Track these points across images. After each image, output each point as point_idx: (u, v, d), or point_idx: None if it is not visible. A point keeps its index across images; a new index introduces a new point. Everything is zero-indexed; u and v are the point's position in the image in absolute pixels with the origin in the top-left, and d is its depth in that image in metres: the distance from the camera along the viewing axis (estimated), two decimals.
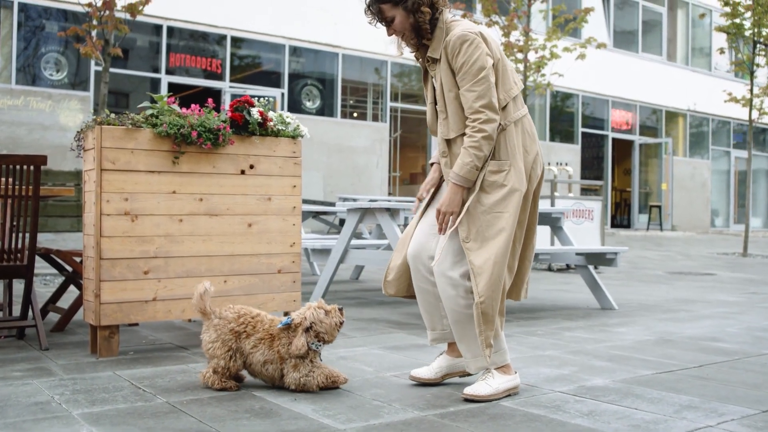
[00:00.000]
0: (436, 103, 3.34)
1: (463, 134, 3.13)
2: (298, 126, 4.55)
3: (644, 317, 5.80)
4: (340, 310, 3.29)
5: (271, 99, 4.47)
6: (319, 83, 16.63)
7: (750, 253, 16.22)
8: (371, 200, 10.60)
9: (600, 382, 3.46)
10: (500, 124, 3.14)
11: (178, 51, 14.83)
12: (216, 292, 4.19)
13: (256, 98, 4.46)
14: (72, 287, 5.17)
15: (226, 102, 14.59)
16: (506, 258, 3.11)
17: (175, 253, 4.07)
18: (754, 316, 5.95)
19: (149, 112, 4.10)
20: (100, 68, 11.31)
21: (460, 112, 3.14)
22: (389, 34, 3.29)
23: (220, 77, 15.16)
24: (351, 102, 17.40)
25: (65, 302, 5.40)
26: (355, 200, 11.57)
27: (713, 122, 25.03)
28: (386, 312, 5.85)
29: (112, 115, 3.99)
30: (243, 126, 4.30)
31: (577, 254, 6.40)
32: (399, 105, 17.89)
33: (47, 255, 4.80)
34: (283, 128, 4.48)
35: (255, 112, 4.32)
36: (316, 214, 9.25)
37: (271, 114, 4.47)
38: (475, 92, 3.07)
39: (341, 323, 3.28)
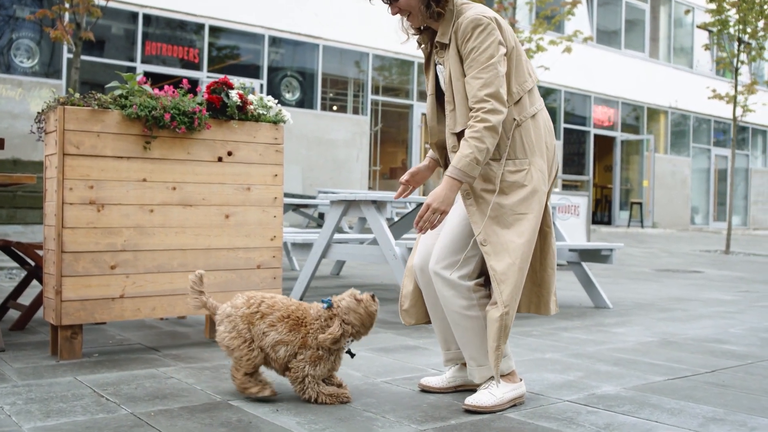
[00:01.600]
0: (437, 95, 3.01)
1: None
2: (280, 111, 4.22)
3: (641, 317, 5.54)
4: (373, 297, 2.91)
5: (250, 82, 4.11)
6: (298, 75, 16.26)
7: (732, 251, 16.11)
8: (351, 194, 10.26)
9: (611, 390, 3.17)
10: (515, 119, 2.83)
11: (154, 40, 14.39)
12: (188, 288, 3.84)
13: (235, 80, 4.12)
14: (35, 282, 4.81)
15: None
16: (528, 263, 2.81)
17: (145, 246, 3.73)
18: (754, 316, 5.71)
19: (118, 92, 3.75)
20: (72, 55, 10.87)
21: (468, 102, 2.82)
22: (393, 13, 2.94)
23: (197, 67, 14.75)
24: (331, 94, 17.05)
25: (27, 298, 5.04)
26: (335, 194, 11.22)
27: (694, 120, 24.95)
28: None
29: (77, 95, 3.63)
30: (221, 109, 3.96)
31: (571, 250, 6.13)
32: (380, 98, 17.56)
33: (7, 247, 4.44)
34: (264, 113, 4.15)
35: (234, 94, 3.98)
36: (295, 207, 8.91)
37: (251, 97, 4.13)
38: (481, 80, 2.74)
39: (374, 312, 2.91)
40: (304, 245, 6.30)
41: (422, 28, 2.99)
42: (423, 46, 3.04)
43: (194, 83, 14.58)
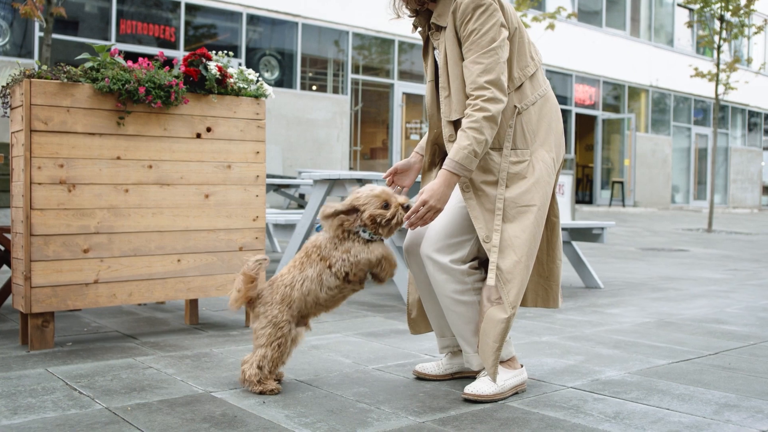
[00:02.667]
0: (436, 81, 2.81)
1: None
2: (261, 84, 4.00)
3: (634, 297, 5.40)
4: (405, 209, 2.64)
5: (230, 54, 3.90)
6: (277, 54, 15.96)
7: (714, 229, 16.10)
8: None
9: (615, 375, 3.01)
10: (516, 107, 2.64)
11: (129, 18, 14.02)
12: (166, 272, 3.65)
13: (214, 52, 3.89)
14: (6, 267, 4.58)
15: None
16: (533, 259, 2.64)
17: (120, 228, 3.51)
18: (747, 295, 5.59)
19: (89, 64, 3.51)
20: (43, 33, 10.53)
21: (465, 89, 2.62)
22: None
23: (173, 46, 14.40)
24: (311, 74, 16.76)
25: None
26: None
27: (675, 98, 24.91)
28: (357, 293, 5.33)
29: (45, 67, 3.40)
30: (199, 83, 3.74)
31: (561, 229, 5.96)
32: (360, 77, 17.30)
33: None
34: (245, 86, 3.93)
35: (213, 66, 3.76)
36: (277, 188, 8.69)
37: (231, 70, 3.91)
38: (481, 65, 2.54)
39: (399, 223, 2.65)
40: (287, 226, 6.10)
41: (418, 9, 2.77)
42: (420, 29, 2.83)
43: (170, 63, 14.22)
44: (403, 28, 17.51)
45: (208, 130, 3.77)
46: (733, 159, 27.52)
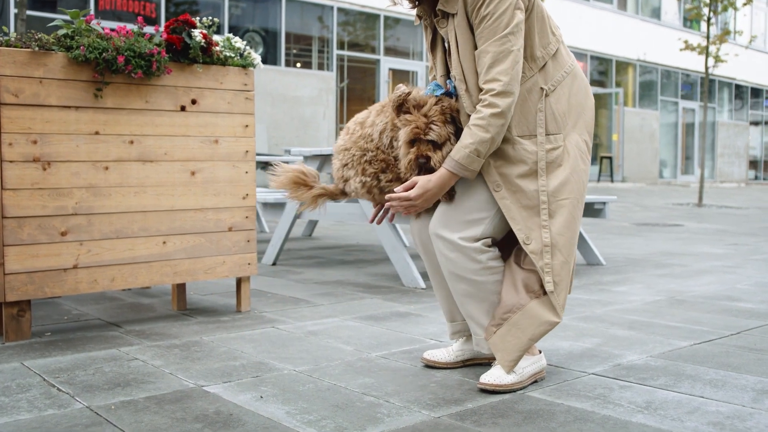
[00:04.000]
0: (448, 76, 2.56)
1: None
2: (249, 53, 3.74)
3: (638, 273, 5.21)
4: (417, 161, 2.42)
5: (215, 20, 3.63)
6: (261, 30, 15.61)
7: (705, 204, 15.99)
8: None
9: (637, 359, 2.81)
10: (542, 88, 2.40)
11: None
12: (151, 256, 3.40)
13: (198, 19, 3.63)
14: None
15: None
16: (574, 255, 2.45)
17: (101, 209, 3.26)
18: (755, 271, 5.42)
19: (62, 32, 3.24)
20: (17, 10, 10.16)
21: None
22: None
23: (154, 23, 14.02)
24: (295, 51, 16.42)
25: None
26: None
27: (662, 73, 24.73)
28: (351, 273, 5.12)
29: (14, 34, 3.13)
30: (182, 51, 3.48)
31: None
32: (346, 53, 16.99)
33: None
34: (232, 55, 3.67)
35: (197, 34, 3.49)
36: (264, 165, 8.42)
37: (216, 38, 3.65)
38: (491, 53, 2.30)
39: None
40: (276, 205, 5.86)
41: None
42: (425, 20, 2.56)
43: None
44: (389, 2, 17.23)
45: (193, 102, 3.51)
46: (720, 133, 27.44)
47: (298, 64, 16.40)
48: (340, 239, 7.63)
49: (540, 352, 2.56)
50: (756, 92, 29.51)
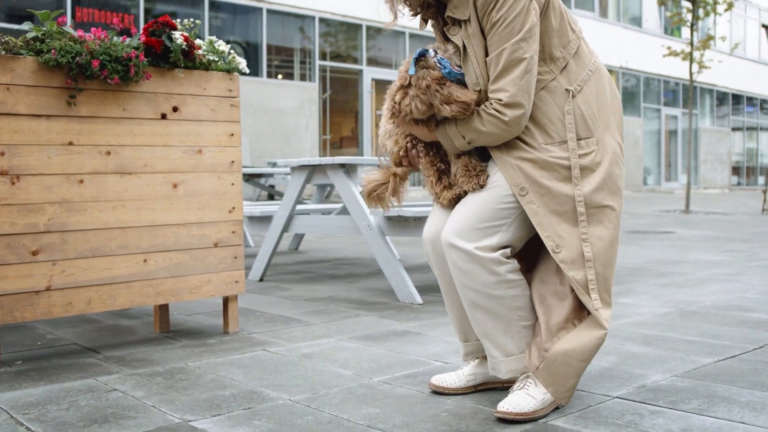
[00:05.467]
0: None
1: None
2: (234, 57, 3.52)
3: (640, 283, 5.01)
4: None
5: (197, 22, 3.40)
6: (242, 41, 15.38)
7: (692, 210, 15.90)
8: None
9: (661, 380, 2.59)
10: (567, 90, 2.20)
11: (85, 5, 13.35)
12: (131, 275, 3.15)
13: (179, 21, 3.40)
14: None
15: None
16: (613, 269, 2.25)
17: (75, 225, 3.01)
18: (758, 278, 5.24)
19: (31, 34, 3.00)
20: None
21: None
22: None
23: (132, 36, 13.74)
24: (277, 61, 16.20)
25: None
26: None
27: (645, 80, 24.73)
28: (342, 288, 4.89)
29: None
30: (162, 55, 3.25)
31: None
32: (328, 64, 16.78)
33: None
34: (216, 59, 3.44)
35: (178, 36, 3.26)
36: (248, 178, 8.18)
37: (199, 41, 3.42)
38: (503, 61, 2.12)
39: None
40: (263, 218, 5.62)
41: (425, 4, 2.30)
42: (435, 27, 2.35)
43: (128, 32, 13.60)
44: (371, 12, 17.05)
45: (175, 109, 3.28)
46: (702, 139, 27.47)
47: (280, 76, 16.18)
48: (328, 252, 7.39)
49: None
50: (737, 98, 29.60)
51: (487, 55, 2.16)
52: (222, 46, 3.46)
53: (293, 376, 2.71)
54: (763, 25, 30.77)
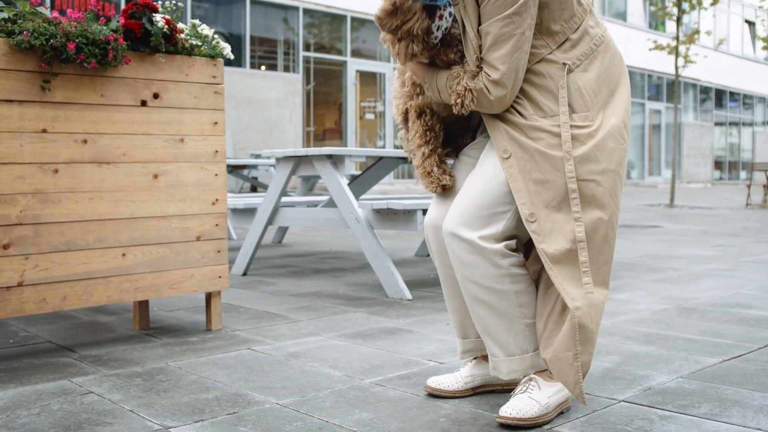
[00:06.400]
0: None
1: (516, 98, 2.08)
2: (218, 42, 3.36)
3: (634, 279, 4.91)
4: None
5: (180, 5, 3.24)
6: (225, 31, 15.15)
7: (676, 204, 15.89)
8: None
9: (668, 381, 2.47)
10: (565, 64, 2.06)
11: None
12: (109, 270, 3.00)
13: (160, 4, 3.23)
14: None
15: None
16: (612, 245, 2.11)
17: (49, 217, 2.85)
18: (752, 273, 5.15)
19: (2, 15, 2.83)
20: None
21: None
22: None
23: None
24: (260, 52, 15.99)
25: None
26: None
27: (629, 74, 24.71)
28: (328, 283, 4.75)
29: None
30: (142, 39, 3.08)
31: None
32: (312, 55, 16.58)
33: None
34: (199, 44, 3.28)
35: (159, 19, 3.10)
36: (232, 169, 8.01)
37: (181, 25, 3.26)
38: (491, 35, 1.99)
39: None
40: (246, 211, 5.46)
41: None
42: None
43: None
44: (355, 3, 16.85)
45: (156, 96, 3.12)
46: (685, 134, 27.51)
47: (263, 67, 15.97)
48: (313, 245, 7.24)
49: None
50: (720, 93, 29.67)
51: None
52: (205, 30, 3.31)
53: (280, 377, 2.57)
54: (747, 21, 30.85)
